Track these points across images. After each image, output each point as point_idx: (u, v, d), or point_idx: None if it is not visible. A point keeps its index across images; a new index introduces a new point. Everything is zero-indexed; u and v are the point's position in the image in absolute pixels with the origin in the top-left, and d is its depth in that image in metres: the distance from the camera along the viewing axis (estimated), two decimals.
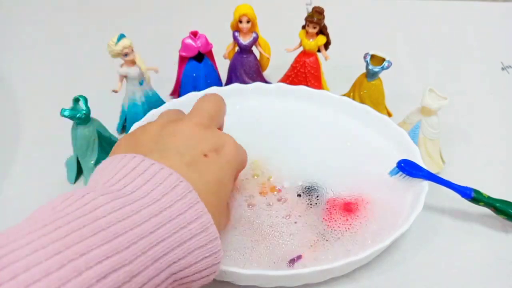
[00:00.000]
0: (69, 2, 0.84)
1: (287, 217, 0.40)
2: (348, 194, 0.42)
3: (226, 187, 0.31)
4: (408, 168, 0.41)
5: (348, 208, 0.41)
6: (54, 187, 0.47)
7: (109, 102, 0.53)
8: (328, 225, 0.40)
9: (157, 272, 0.23)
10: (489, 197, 0.40)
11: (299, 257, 0.37)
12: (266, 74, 0.61)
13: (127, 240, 0.22)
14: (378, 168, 0.44)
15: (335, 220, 0.40)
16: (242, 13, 0.51)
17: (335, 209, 0.41)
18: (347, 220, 0.40)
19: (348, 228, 0.39)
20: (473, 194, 0.40)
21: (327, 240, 0.38)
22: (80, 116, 0.43)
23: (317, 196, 0.42)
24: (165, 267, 0.24)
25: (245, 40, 0.54)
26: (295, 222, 0.40)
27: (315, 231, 0.39)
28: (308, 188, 0.43)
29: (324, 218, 0.40)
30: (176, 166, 0.27)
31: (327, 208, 0.41)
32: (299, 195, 0.42)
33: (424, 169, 0.41)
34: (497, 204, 0.40)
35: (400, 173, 0.42)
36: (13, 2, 0.83)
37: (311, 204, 0.41)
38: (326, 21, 0.52)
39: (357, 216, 0.40)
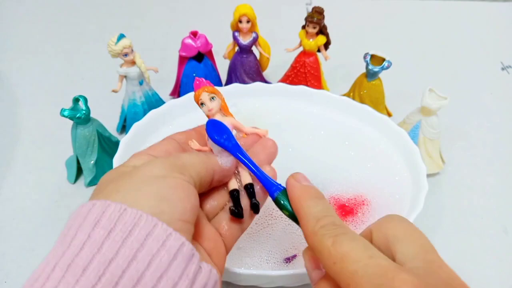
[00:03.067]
0: (69, 2, 0.84)
1: (283, 217, 0.40)
2: (347, 194, 0.42)
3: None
4: (214, 130, 0.29)
5: (347, 208, 0.41)
6: (54, 187, 0.47)
7: (109, 102, 0.53)
8: None
9: None
10: (289, 214, 0.27)
11: (294, 256, 0.37)
12: (266, 74, 0.61)
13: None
14: (377, 169, 0.44)
15: None
16: (242, 13, 0.51)
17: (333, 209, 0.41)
18: (345, 220, 0.40)
19: None
20: (276, 195, 0.27)
21: None
22: (80, 116, 0.43)
23: None
24: None
25: (245, 40, 0.54)
26: (291, 222, 0.40)
27: None
28: None
29: None
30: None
31: None
32: None
33: (234, 140, 0.29)
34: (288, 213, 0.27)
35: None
36: (13, 2, 0.83)
37: None
38: (326, 21, 0.52)
39: (356, 216, 0.40)
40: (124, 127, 0.54)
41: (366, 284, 0.19)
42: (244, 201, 0.28)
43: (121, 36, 0.46)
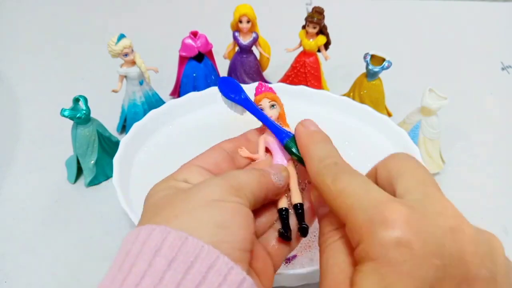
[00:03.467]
0: (69, 2, 0.84)
1: None
2: None
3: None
4: (225, 87, 0.31)
5: None
6: (54, 187, 0.47)
7: (109, 102, 0.53)
8: None
9: None
10: (298, 157, 0.28)
11: (294, 256, 0.37)
12: (266, 74, 0.61)
13: None
14: None
15: None
16: (242, 13, 0.51)
17: None
18: None
19: None
20: (285, 142, 0.29)
21: None
22: (80, 116, 0.43)
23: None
24: None
25: (245, 40, 0.54)
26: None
27: (311, 231, 0.39)
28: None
29: None
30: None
31: None
32: None
33: (243, 93, 0.31)
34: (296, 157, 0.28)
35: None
36: (13, 2, 0.83)
37: None
38: (326, 21, 0.52)
39: None
40: (124, 127, 0.54)
41: (361, 215, 0.20)
42: (292, 221, 0.27)
43: (121, 36, 0.46)
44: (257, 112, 0.30)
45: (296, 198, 0.28)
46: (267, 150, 0.30)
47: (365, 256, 0.19)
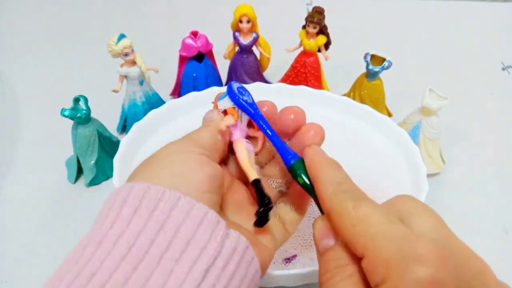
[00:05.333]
0: (69, 2, 0.84)
1: None
2: None
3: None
4: (234, 92, 0.29)
5: None
6: (54, 187, 0.47)
7: (109, 102, 0.53)
8: None
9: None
10: (304, 181, 0.26)
11: (294, 256, 0.37)
12: (266, 74, 0.61)
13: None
14: (377, 169, 0.44)
15: None
16: (243, 13, 0.51)
17: None
18: None
19: None
20: (292, 162, 0.27)
21: None
22: (80, 116, 0.43)
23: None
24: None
25: (245, 40, 0.54)
26: None
27: (311, 231, 0.39)
28: None
29: None
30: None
31: None
32: None
33: (254, 104, 0.30)
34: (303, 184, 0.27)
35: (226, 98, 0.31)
36: (13, 2, 0.83)
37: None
38: (326, 21, 0.52)
39: None
40: (124, 127, 0.54)
41: (387, 247, 0.18)
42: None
43: (122, 36, 0.46)
44: (264, 123, 0.29)
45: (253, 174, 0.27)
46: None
47: None
